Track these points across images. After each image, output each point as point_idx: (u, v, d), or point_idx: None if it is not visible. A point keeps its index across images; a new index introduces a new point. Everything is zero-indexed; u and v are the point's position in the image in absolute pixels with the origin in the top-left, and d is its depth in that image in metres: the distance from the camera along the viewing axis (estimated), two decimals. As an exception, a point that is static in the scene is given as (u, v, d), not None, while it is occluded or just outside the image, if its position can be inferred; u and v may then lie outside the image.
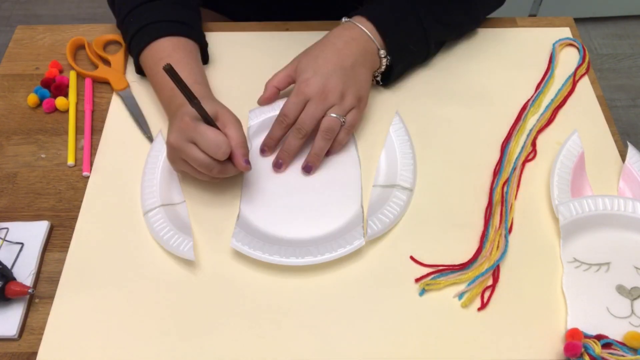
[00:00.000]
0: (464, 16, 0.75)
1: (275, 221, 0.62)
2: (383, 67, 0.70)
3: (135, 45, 0.70)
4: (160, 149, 0.67)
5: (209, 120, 0.58)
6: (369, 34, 0.67)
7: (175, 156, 0.59)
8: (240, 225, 0.61)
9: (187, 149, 0.57)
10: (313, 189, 0.65)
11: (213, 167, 0.58)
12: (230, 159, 0.59)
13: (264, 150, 0.67)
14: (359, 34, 0.67)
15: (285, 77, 0.69)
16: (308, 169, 0.65)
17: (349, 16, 0.70)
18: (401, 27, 0.69)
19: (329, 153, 0.66)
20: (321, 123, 0.64)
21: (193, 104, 0.56)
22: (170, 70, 0.53)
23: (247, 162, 0.59)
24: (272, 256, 0.58)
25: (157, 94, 0.70)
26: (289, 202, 0.64)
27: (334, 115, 0.64)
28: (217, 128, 0.58)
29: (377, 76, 0.71)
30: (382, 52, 0.68)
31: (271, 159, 0.67)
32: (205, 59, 0.75)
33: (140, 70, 0.73)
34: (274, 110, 0.69)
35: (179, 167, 0.61)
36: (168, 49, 0.68)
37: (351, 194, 0.64)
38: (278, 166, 0.66)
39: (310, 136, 0.65)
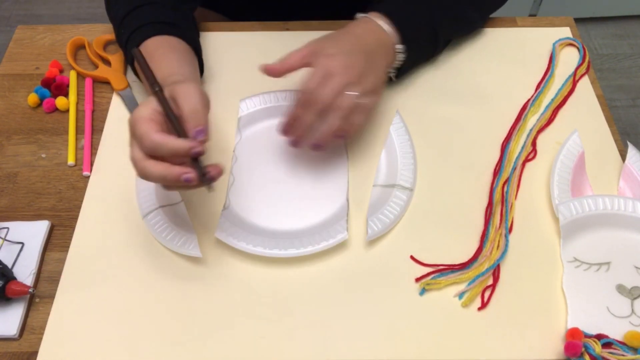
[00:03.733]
0: (473, 12, 0.74)
1: (263, 213, 0.62)
2: (397, 62, 0.68)
3: (128, 53, 0.68)
4: None
5: (168, 112, 0.53)
6: (385, 28, 0.66)
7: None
8: (227, 216, 0.61)
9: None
10: (300, 181, 0.65)
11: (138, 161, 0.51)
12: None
13: (285, 130, 0.63)
14: (375, 27, 0.66)
15: (301, 57, 0.62)
16: (317, 147, 0.62)
17: (364, 12, 0.69)
18: (414, 23, 0.68)
19: (342, 136, 0.62)
20: (339, 100, 0.60)
21: (154, 91, 0.53)
22: (137, 53, 0.51)
23: (200, 132, 0.52)
24: (271, 250, 0.58)
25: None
26: (278, 193, 0.64)
27: (353, 92, 0.60)
28: (177, 120, 0.53)
29: (391, 72, 0.70)
30: (399, 47, 0.67)
31: (258, 152, 0.67)
32: (200, 67, 0.71)
33: (138, 77, 0.70)
34: (265, 103, 0.69)
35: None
36: (154, 46, 0.64)
37: (338, 188, 0.64)
38: (294, 143, 0.63)
39: (324, 114, 0.61)
